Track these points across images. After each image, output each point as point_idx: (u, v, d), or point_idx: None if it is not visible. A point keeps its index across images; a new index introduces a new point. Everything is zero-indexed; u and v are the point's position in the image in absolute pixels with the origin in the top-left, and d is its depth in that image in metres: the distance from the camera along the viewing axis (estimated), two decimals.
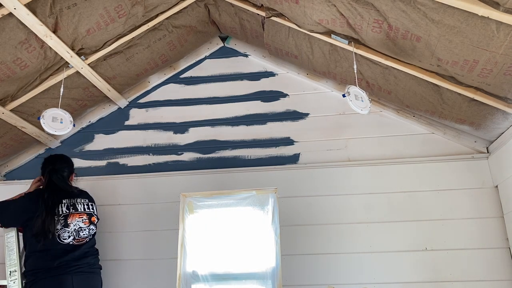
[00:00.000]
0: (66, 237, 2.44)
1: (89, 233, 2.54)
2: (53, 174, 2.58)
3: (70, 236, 2.45)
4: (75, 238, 2.47)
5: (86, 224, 2.54)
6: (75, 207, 2.54)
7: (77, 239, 2.48)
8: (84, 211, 2.58)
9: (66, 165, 2.67)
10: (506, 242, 2.61)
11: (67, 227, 2.46)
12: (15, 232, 2.54)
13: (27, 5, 2.20)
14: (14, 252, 2.50)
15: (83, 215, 2.55)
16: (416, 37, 2.13)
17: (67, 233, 2.45)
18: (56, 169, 2.59)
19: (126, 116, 3.32)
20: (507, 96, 2.21)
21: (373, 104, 2.96)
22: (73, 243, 2.46)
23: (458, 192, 2.75)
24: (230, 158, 3.08)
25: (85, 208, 2.59)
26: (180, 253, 2.86)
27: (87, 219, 2.56)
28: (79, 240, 2.49)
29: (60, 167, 2.61)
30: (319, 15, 2.40)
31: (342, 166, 2.92)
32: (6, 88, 2.62)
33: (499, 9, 1.73)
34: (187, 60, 3.38)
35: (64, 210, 2.49)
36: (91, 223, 2.57)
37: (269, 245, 2.84)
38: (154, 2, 2.69)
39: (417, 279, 2.62)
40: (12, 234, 2.54)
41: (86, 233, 2.52)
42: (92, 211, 2.62)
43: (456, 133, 2.85)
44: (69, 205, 2.52)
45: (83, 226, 2.52)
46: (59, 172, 2.59)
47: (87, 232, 2.53)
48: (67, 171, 2.65)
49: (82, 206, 2.59)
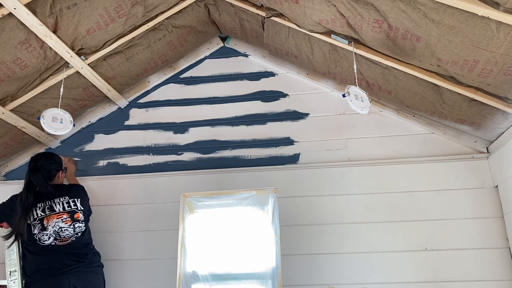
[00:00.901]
0: (46, 239, 2.44)
1: (74, 232, 2.51)
2: (32, 174, 2.52)
3: (50, 237, 2.45)
4: (56, 239, 2.46)
5: (68, 223, 2.51)
6: (52, 208, 2.52)
7: (59, 239, 2.47)
8: (64, 210, 2.54)
9: (52, 162, 2.62)
10: (506, 242, 2.61)
11: (45, 230, 2.46)
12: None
13: (27, 5, 2.20)
14: (14, 252, 2.50)
15: (62, 215, 2.52)
16: (416, 37, 2.13)
17: (46, 236, 2.45)
18: (38, 166, 2.54)
19: (126, 116, 3.32)
20: (507, 96, 2.21)
21: (373, 104, 2.96)
22: (56, 243, 2.45)
23: (458, 192, 2.75)
24: (230, 158, 3.09)
25: (64, 207, 2.55)
26: (180, 253, 2.86)
27: (69, 218, 2.53)
28: (62, 240, 2.47)
29: (42, 165, 2.55)
30: (319, 15, 2.40)
31: (342, 166, 2.92)
32: (6, 88, 2.63)
33: (499, 9, 1.74)
34: (187, 60, 3.38)
35: (39, 213, 2.49)
36: (74, 220, 2.54)
37: (269, 245, 2.84)
38: (154, 2, 2.69)
39: (417, 279, 2.62)
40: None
41: (69, 232, 2.50)
42: (75, 208, 2.58)
43: (456, 133, 2.85)
44: (45, 207, 2.51)
45: (64, 225, 2.50)
46: (40, 170, 2.53)
47: (72, 231, 2.51)
48: (54, 169, 2.60)
49: (61, 205, 2.55)
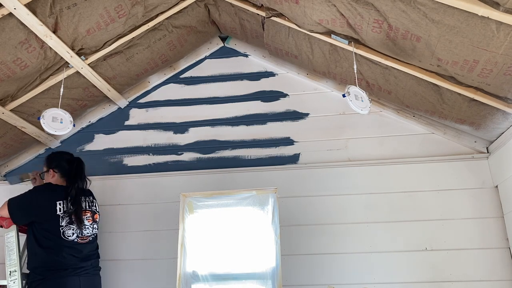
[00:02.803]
0: (70, 234, 2.44)
1: (92, 232, 2.54)
2: (78, 166, 2.63)
3: (74, 233, 2.45)
4: (78, 236, 2.47)
5: (90, 222, 2.54)
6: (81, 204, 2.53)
7: (81, 237, 2.48)
8: (89, 208, 2.58)
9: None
10: (506, 242, 2.61)
11: (72, 224, 2.46)
12: (15, 232, 2.53)
13: (27, 5, 2.20)
14: (14, 252, 2.49)
15: (87, 213, 2.55)
16: (416, 37, 2.13)
17: (71, 231, 2.45)
18: (78, 160, 2.66)
19: (126, 116, 3.32)
20: (507, 96, 2.21)
21: (373, 104, 2.96)
22: (78, 241, 2.46)
23: (458, 192, 2.75)
24: (230, 158, 3.08)
25: (90, 206, 2.59)
26: (180, 253, 2.86)
27: (91, 217, 2.56)
28: (83, 238, 2.48)
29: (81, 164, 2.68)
30: (319, 15, 2.40)
31: (342, 166, 2.92)
32: (6, 88, 2.62)
33: (499, 9, 1.73)
34: (187, 60, 3.38)
35: (70, 206, 2.48)
36: (94, 221, 2.57)
37: (269, 245, 2.84)
38: (154, 2, 2.69)
39: (417, 279, 2.62)
40: (12, 234, 2.53)
41: (89, 232, 2.52)
42: (95, 209, 2.62)
43: (456, 133, 2.85)
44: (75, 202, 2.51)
45: (87, 224, 2.52)
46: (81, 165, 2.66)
47: (91, 230, 2.53)
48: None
49: (87, 203, 2.59)
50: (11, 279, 2.43)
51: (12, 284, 2.41)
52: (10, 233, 2.54)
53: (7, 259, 2.49)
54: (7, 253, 2.51)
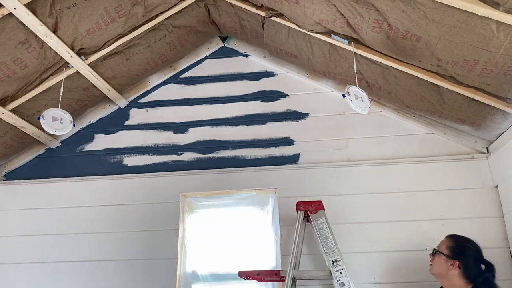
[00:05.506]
0: None
1: None
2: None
3: None
4: None
5: None
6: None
7: None
8: None
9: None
10: (506, 242, 2.61)
11: None
12: (325, 217, 2.41)
13: (27, 5, 2.20)
14: (331, 239, 2.33)
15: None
16: (416, 37, 2.13)
17: None
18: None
19: (126, 116, 3.32)
20: (507, 96, 2.21)
21: (373, 104, 2.96)
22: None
23: (458, 192, 2.75)
24: (230, 158, 3.09)
25: None
26: (180, 253, 2.87)
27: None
28: None
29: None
30: (319, 15, 2.40)
31: (342, 166, 2.92)
32: (6, 88, 2.63)
33: (499, 9, 1.74)
34: (187, 60, 3.38)
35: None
36: None
37: (269, 245, 2.84)
38: (154, 2, 2.69)
39: (417, 279, 2.62)
40: (323, 220, 2.40)
41: None
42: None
43: (456, 133, 2.85)
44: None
45: None
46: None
47: None
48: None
49: None
50: (337, 269, 2.28)
51: (338, 274, 2.27)
52: (319, 219, 2.41)
53: (324, 248, 2.34)
54: (322, 241, 2.36)
